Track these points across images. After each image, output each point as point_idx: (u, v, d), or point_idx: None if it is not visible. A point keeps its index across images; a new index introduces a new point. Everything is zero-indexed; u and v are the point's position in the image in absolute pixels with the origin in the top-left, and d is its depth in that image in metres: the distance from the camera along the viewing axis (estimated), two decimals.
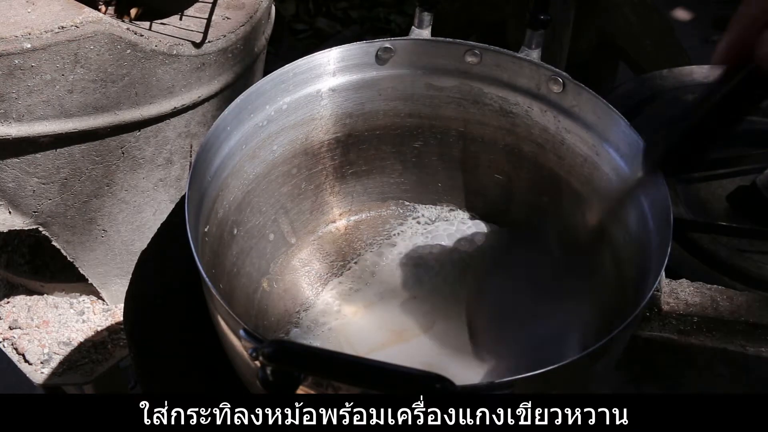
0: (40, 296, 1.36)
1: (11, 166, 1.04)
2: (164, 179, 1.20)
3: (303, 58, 0.73)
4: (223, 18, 1.13)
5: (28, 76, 0.95)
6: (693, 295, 0.74)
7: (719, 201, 0.98)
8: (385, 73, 0.77)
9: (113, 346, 1.31)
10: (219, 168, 0.68)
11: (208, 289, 0.57)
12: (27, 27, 0.94)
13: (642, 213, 0.66)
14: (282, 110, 0.74)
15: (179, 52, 1.05)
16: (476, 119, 0.80)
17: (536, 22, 0.76)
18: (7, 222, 1.11)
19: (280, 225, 0.80)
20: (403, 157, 0.84)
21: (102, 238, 1.21)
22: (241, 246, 0.74)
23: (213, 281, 0.57)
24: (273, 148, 0.75)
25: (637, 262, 0.65)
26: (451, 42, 0.76)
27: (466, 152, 0.83)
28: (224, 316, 0.56)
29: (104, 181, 1.13)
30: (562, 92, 0.73)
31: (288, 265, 0.81)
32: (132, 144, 1.10)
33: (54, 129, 1.01)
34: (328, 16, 2.38)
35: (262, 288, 0.78)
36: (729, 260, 0.89)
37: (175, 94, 1.09)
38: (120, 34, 0.99)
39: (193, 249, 0.57)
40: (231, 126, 0.69)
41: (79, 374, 1.28)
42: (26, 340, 1.30)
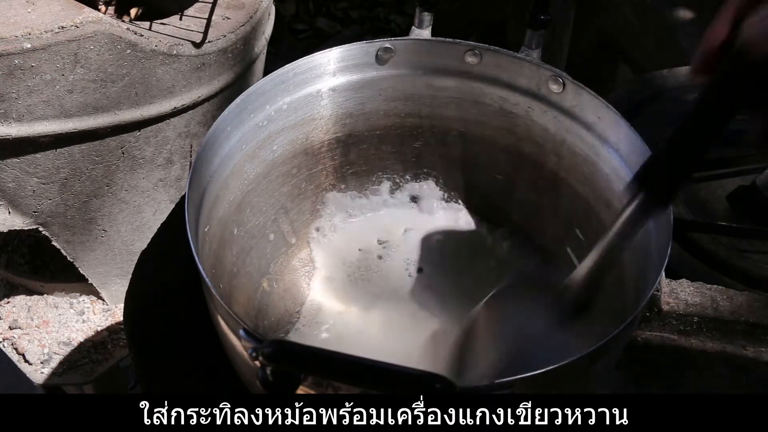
0: (40, 296, 1.36)
1: (11, 166, 1.04)
2: (164, 179, 1.20)
3: (303, 58, 0.73)
4: (223, 18, 1.13)
5: (28, 76, 0.95)
6: (693, 295, 0.74)
7: (719, 201, 0.98)
8: (385, 73, 0.77)
9: (113, 346, 1.31)
10: (219, 168, 0.68)
11: (208, 289, 0.57)
12: (27, 27, 0.94)
13: None
14: (282, 110, 0.74)
15: (179, 52, 1.05)
16: (476, 119, 0.80)
17: (536, 22, 0.76)
18: (7, 222, 1.11)
19: (280, 225, 0.80)
20: (403, 157, 0.84)
21: (102, 238, 1.21)
22: (241, 246, 0.74)
23: (213, 281, 0.57)
24: (273, 148, 0.75)
25: (637, 262, 0.65)
26: (451, 42, 0.76)
27: (466, 152, 0.83)
28: (224, 316, 0.56)
29: (104, 181, 1.13)
30: (562, 92, 0.73)
31: (288, 265, 0.81)
32: (132, 144, 1.11)
33: (54, 129, 1.01)
34: (328, 16, 2.38)
35: (262, 288, 0.78)
36: (729, 260, 0.89)
37: (175, 94, 1.09)
38: (120, 34, 0.99)
39: (193, 249, 0.57)
40: (231, 126, 0.69)
41: (79, 374, 1.28)
42: (26, 340, 1.30)
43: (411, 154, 0.84)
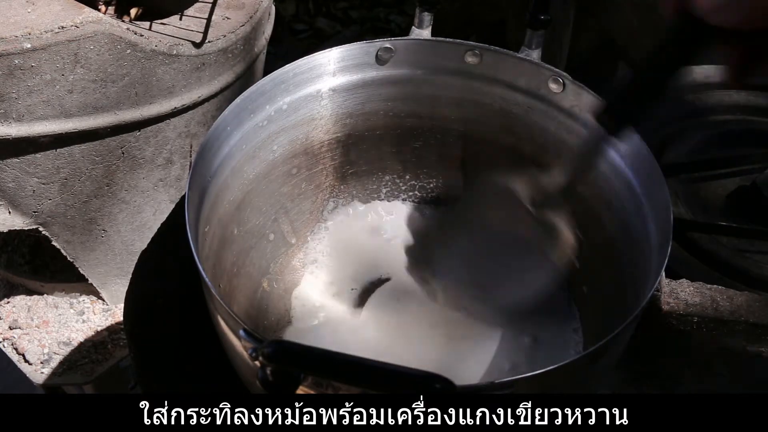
0: (40, 296, 1.36)
1: (11, 166, 1.04)
2: (164, 179, 1.20)
3: (303, 58, 0.73)
4: (223, 18, 1.13)
5: (28, 76, 0.95)
6: (693, 295, 0.74)
7: (719, 201, 0.98)
8: (385, 73, 0.77)
9: (113, 346, 1.31)
10: (219, 168, 0.68)
11: (208, 289, 0.57)
12: (27, 27, 0.94)
13: (642, 213, 0.66)
14: (282, 110, 0.74)
15: (179, 52, 1.05)
16: (476, 119, 0.80)
17: (536, 22, 0.76)
18: (7, 222, 1.11)
19: (280, 225, 0.80)
20: (403, 157, 0.84)
21: (102, 238, 1.21)
22: (241, 246, 0.74)
23: (213, 281, 0.57)
24: (273, 148, 0.75)
25: (637, 262, 0.65)
26: (451, 42, 0.76)
27: (466, 152, 0.83)
28: (224, 316, 0.56)
29: (104, 181, 1.13)
30: (562, 92, 0.73)
31: (288, 265, 0.81)
32: (132, 144, 1.10)
33: (54, 129, 1.01)
34: (328, 16, 2.38)
35: (262, 288, 0.78)
36: (729, 260, 0.89)
37: (175, 94, 1.09)
38: (120, 34, 0.99)
39: (193, 249, 0.57)
40: (231, 126, 0.69)
41: (79, 374, 1.28)
42: (26, 340, 1.30)
43: (411, 154, 0.84)
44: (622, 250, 0.69)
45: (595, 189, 0.73)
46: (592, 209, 0.74)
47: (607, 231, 0.71)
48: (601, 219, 0.72)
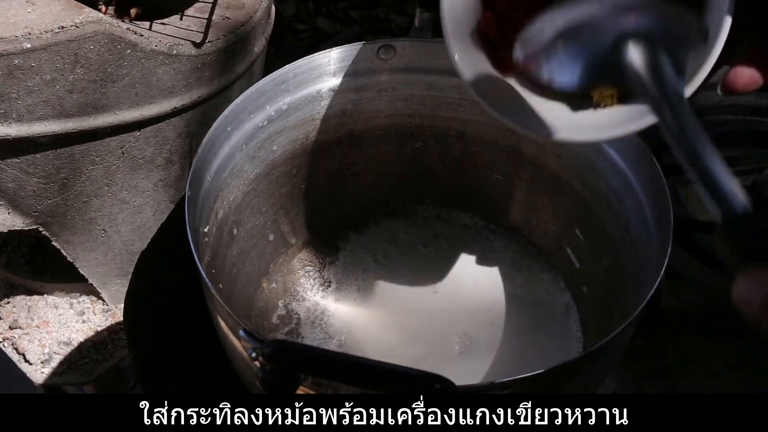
0: (40, 296, 1.36)
1: (11, 166, 1.04)
2: (164, 179, 1.20)
3: (303, 58, 0.73)
4: (223, 18, 1.13)
5: (28, 76, 0.95)
6: (693, 295, 0.74)
7: None
8: (385, 73, 0.77)
9: (113, 346, 1.31)
10: (219, 168, 0.68)
11: (208, 289, 0.57)
12: (27, 27, 0.94)
13: (642, 213, 0.66)
14: (282, 110, 0.74)
15: (179, 52, 1.05)
16: (476, 119, 0.80)
17: None
18: (7, 222, 1.11)
19: (280, 225, 0.80)
20: (403, 157, 0.84)
21: (102, 238, 1.21)
22: (241, 246, 0.74)
23: (213, 281, 0.57)
24: (273, 149, 0.75)
25: (637, 262, 0.65)
26: None
27: (466, 152, 0.83)
28: (224, 316, 0.56)
29: (104, 181, 1.13)
30: None
31: (288, 265, 0.81)
32: (132, 144, 1.10)
33: (54, 129, 1.01)
34: (328, 16, 2.38)
35: (262, 288, 0.78)
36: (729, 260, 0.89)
37: (175, 94, 1.09)
38: (120, 34, 0.99)
39: (193, 249, 0.57)
40: (231, 126, 0.69)
41: (79, 374, 1.28)
42: (26, 340, 1.30)
43: (411, 154, 0.84)
44: (622, 250, 0.69)
45: (595, 189, 0.73)
46: (592, 209, 0.74)
47: (607, 231, 0.71)
48: (601, 219, 0.72)
